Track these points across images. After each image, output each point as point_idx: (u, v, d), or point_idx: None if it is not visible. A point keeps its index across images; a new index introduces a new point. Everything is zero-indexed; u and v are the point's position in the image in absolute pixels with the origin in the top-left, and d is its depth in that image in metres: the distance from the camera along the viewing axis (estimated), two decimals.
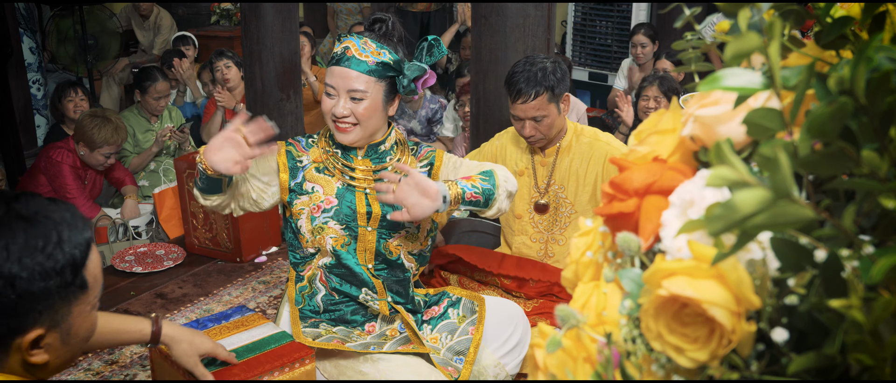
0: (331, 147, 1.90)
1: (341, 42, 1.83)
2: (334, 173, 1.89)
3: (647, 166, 0.71)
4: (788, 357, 0.55)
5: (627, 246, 0.67)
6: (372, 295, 1.92)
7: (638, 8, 5.85)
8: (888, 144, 0.51)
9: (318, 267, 1.92)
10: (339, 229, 1.87)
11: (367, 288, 1.92)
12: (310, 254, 1.92)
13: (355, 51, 1.80)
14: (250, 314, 1.87)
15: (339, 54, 1.82)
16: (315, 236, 1.88)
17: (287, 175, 1.89)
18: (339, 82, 1.79)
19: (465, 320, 1.96)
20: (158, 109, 4.23)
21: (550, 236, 2.42)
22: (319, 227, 1.87)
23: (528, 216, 2.44)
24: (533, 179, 2.41)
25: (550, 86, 2.21)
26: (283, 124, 3.91)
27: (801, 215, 0.50)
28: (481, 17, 2.92)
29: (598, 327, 0.68)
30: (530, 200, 2.42)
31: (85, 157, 3.57)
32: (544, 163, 2.39)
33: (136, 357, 2.39)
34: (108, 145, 3.52)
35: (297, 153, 1.91)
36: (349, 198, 1.87)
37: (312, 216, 1.87)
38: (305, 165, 1.90)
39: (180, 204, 3.24)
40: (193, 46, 5.90)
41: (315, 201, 1.87)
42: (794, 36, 0.70)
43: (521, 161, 2.42)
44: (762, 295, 0.56)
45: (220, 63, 4.48)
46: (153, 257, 3.14)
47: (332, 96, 1.81)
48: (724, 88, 0.58)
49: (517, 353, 2.00)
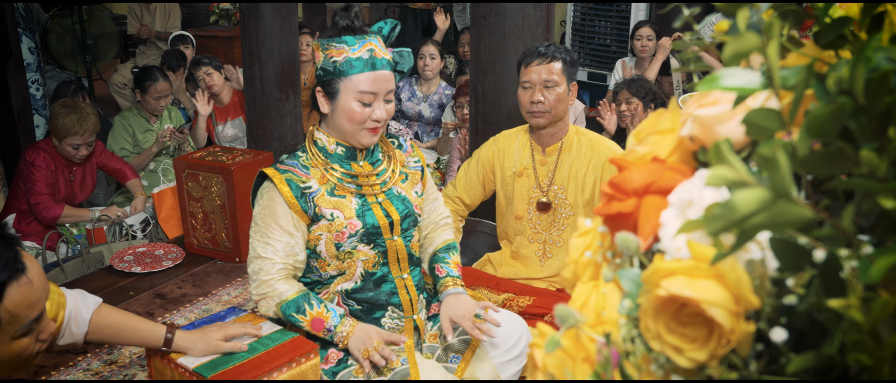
0: (329, 163, 1.82)
1: (360, 44, 1.75)
2: (344, 193, 1.82)
3: (646, 166, 0.71)
4: (787, 357, 0.55)
5: (626, 246, 0.67)
6: (398, 313, 1.89)
7: (637, 8, 5.85)
8: (887, 144, 0.51)
9: (336, 291, 1.87)
10: (369, 250, 1.83)
11: (394, 307, 1.88)
12: (329, 277, 1.86)
13: (379, 51, 1.76)
14: (245, 314, 1.87)
15: (368, 59, 1.74)
16: (343, 261, 1.82)
17: (299, 205, 1.78)
18: (382, 86, 1.75)
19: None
20: (158, 109, 4.23)
21: (548, 237, 2.42)
22: (348, 253, 1.81)
23: (527, 216, 2.43)
24: (534, 179, 2.41)
25: (567, 59, 2.28)
26: (283, 124, 3.91)
27: (800, 215, 0.50)
28: (480, 17, 2.92)
29: (597, 327, 0.68)
30: (530, 200, 2.42)
31: (59, 150, 3.54)
32: (545, 162, 2.39)
33: (136, 357, 2.39)
34: (72, 135, 3.44)
35: (300, 179, 1.79)
36: (369, 215, 1.82)
37: (337, 243, 1.80)
38: (314, 191, 1.80)
39: (179, 204, 3.23)
40: (192, 46, 5.91)
41: (337, 228, 1.80)
42: (793, 36, 0.70)
43: (520, 161, 2.42)
44: (761, 295, 0.56)
45: (201, 72, 4.49)
46: (152, 257, 3.13)
47: (369, 104, 1.75)
48: (722, 88, 0.58)
49: (516, 364, 2.01)
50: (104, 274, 3.00)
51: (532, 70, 2.27)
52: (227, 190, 2.96)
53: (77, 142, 3.48)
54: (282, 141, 3.92)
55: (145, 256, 3.14)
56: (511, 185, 2.44)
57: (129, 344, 2.02)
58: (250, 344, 1.71)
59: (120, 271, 2.99)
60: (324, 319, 1.77)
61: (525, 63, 2.31)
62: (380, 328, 1.85)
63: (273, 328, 1.79)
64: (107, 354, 2.41)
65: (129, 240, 3.47)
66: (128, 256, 3.13)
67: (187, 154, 3.45)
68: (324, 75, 1.78)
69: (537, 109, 2.28)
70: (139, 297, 2.79)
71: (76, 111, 3.45)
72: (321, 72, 1.79)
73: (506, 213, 2.49)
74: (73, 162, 3.61)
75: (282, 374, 1.65)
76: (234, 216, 3.00)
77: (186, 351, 1.66)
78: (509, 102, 2.95)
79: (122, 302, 2.74)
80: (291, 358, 1.67)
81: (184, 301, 2.78)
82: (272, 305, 1.80)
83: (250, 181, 2.96)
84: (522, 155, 2.42)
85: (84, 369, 2.32)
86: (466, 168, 2.54)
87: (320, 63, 1.79)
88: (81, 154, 3.55)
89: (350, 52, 1.74)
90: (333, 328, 1.77)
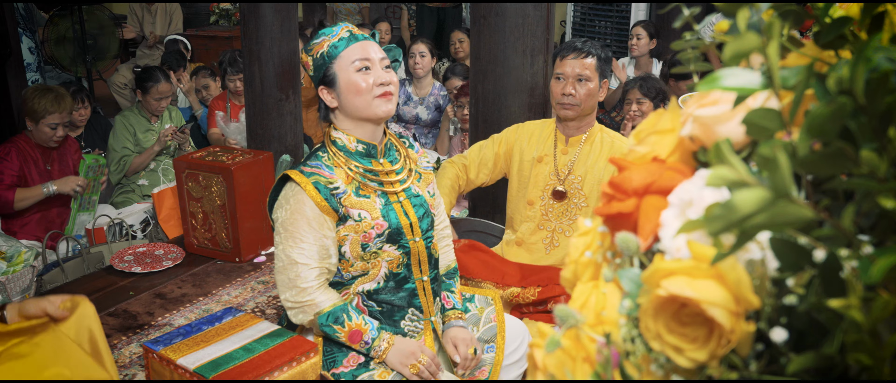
0: (350, 161, 1.82)
1: (337, 29, 1.83)
2: (369, 192, 1.82)
3: (646, 166, 0.71)
4: (787, 357, 0.55)
5: (626, 246, 0.67)
6: (417, 315, 1.90)
7: (637, 8, 5.86)
8: (887, 144, 0.51)
9: (357, 292, 1.86)
10: (394, 250, 1.83)
11: (414, 309, 1.89)
12: (350, 278, 1.86)
13: (357, 30, 1.86)
14: (241, 314, 1.87)
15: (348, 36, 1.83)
16: (368, 261, 1.82)
17: (328, 205, 1.77)
18: (373, 53, 1.81)
19: (484, 310, 2.03)
20: (159, 110, 4.23)
21: (559, 225, 2.43)
22: (374, 253, 1.82)
23: (540, 202, 2.45)
24: (553, 166, 2.43)
25: (601, 56, 2.37)
26: (283, 124, 3.91)
27: (801, 215, 0.50)
28: (480, 17, 2.92)
29: (598, 327, 0.68)
30: (546, 187, 2.44)
31: (34, 135, 3.55)
32: (566, 151, 2.43)
33: (136, 357, 2.39)
34: (49, 114, 3.48)
35: (327, 180, 1.78)
36: (393, 215, 1.82)
37: (364, 243, 1.80)
38: (342, 191, 1.79)
39: (179, 204, 3.23)
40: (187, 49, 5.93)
41: (365, 228, 1.79)
42: (793, 36, 0.70)
43: (543, 147, 2.46)
44: (761, 295, 0.56)
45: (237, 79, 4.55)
46: (152, 257, 3.14)
47: (369, 68, 1.80)
48: (723, 88, 0.58)
49: (517, 368, 2.05)
50: (104, 274, 3.00)
51: (567, 63, 2.34)
52: (227, 190, 2.96)
53: (55, 121, 3.52)
54: (282, 141, 3.92)
55: (145, 256, 3.14)
56: (528, 171, 2.47)
57: None
58: (250, 344, 1.71)
59: (120, 271, 2.99)
60: (362, 331, 1.78)
61: (561, 56, 2.38)
62: (402, 334, 1.87)
63: (272, 328, 1.79)
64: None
65: (129, 240, 3.47)
66: (128, 256, 3.13)
67: (187, 154, 3.45)
68: (317, 71, 1.81)
69: (567, 101, 2.35)
70: (139, 297, 2.79)
71: (51, 91, 3.52)
72: (314, 71, 1.82)
73: (516, 198, 2.52)
74: (49, 147, 3.61)
75: (282, 374, 1.65)
76: (234, 216, 3.00)
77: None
78: (509, 102, 2.95)
79: (122, 302, 2.74)
80: (291, 357, 1.67)
81: (184, 301, 2.78)
82: (309, 315, 1.79)
83: (250, 181, 2.96)
84: (546, 142, 2.46)
85: None
86: (481, 146, 2.58)
87: (310, 66, 1.83)
88: (59, 135, 3.57)
89: (331, 38, 1.81)
90: (371, 341, 1.79)
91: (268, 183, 3.04)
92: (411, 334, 1.89)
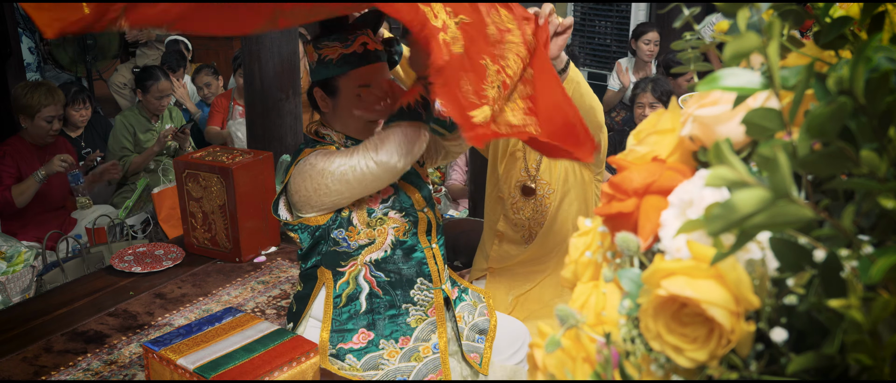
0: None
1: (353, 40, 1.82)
2: None
3: (646, 166, 0.71)
4: (787, 357, 0.55)
5: (626, 246, 0.67)
6: (427, 284, 1.90)
7: (637, 8, 5.86)
8: (887, 144, 0.51)
9: (364, 263, 1.86)
10: (400, 217, 1.84)
11: (423, 278, 1.89)
12: (357, 247, 1.85)
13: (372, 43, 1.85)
14: (241, 315, 1.87)
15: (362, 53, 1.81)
16: (374, 228, 1.83)
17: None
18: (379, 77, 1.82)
19: (477, 304, 2.05)
20: (160, 109, 4.23)
21: (534, 220, 2.45)
22: (379, 219, 1.83)
23: (510, 199, 2.47)
24: (523, 162, 2.43)
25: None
26: (283, 124, 3.91)
27: (801, 215, 0.50)
28: None
29: (597, 327, 0.68)
30: (516, 184, 2.45)
31: (30, 132, 3.56)
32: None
33: (136, 357, 2.39)
34: (44, 107, 3.53)
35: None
36: (395, 185, 1.85)
37: (369, 208, 1.82)
38: None
39: (179, 204, 3.23)
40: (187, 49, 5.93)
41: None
42: (794, 36, 0.70)
43: (515, 140, 2.45)
44: (761, 295, 0.56)
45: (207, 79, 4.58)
46: (152, 257, 3.14)
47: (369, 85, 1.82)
48: (723, 88, 0.58)
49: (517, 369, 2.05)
50: (104, 274, 3.00)
51: None
52: (227, 190, 2.96)
53: (51, 113, 3.57)
54: (282, 141, 3.92)
55: (145, 256, 3.14)
56: (501, 164, 2.48)
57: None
58: (250, 345, 1.71)
59: (120, 271, 2.99)
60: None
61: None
62: (412, 303, 1.88)
63: (272, 328, 1.79)
64: (107, 354, 2.40)
65: (129, 240, 3.47)
66: (128, 256, 3.13)
67: (187, 154, 3.45)
68: (321, 74, 1.79)
69: None
70: (139, 297, 2.79)
71: (42, 85, 3.58)
72: (317, 71, 1.80)
73: (491, 194, 2.54)
74: (45, 143, 3.63)
75: (282, 374, 1.65)
76: (234, 216, 2.99)
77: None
78: None
79: (122, 301, 2.74)
80: (291, 357, 1.67)
81: (184, 301, 2.78)
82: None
83: (250, 181, 2.96)
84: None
85: (84, 369, 2.32)
86: None
87: (315, 63, 1.80)
88: (55, 128, 3.62)
89: (344, 48, 1.77)
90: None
91: (268, 183, 3.04)
92: (421, 303, 1.89)
